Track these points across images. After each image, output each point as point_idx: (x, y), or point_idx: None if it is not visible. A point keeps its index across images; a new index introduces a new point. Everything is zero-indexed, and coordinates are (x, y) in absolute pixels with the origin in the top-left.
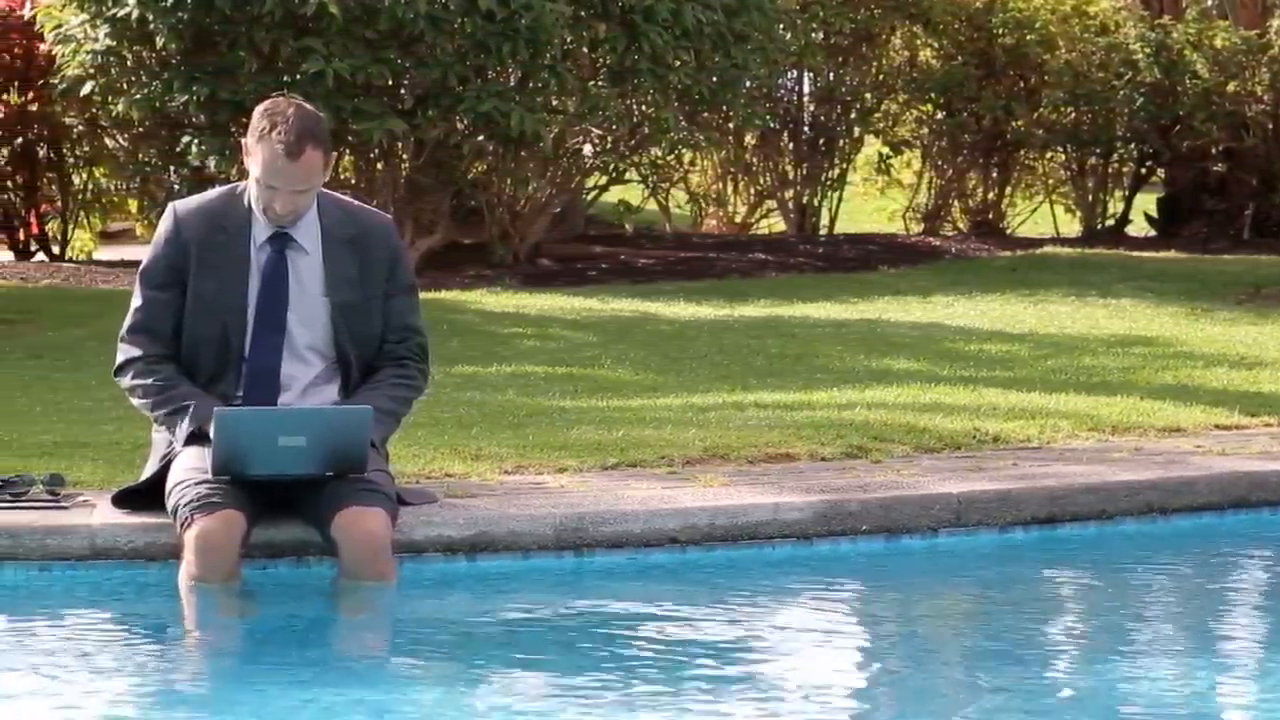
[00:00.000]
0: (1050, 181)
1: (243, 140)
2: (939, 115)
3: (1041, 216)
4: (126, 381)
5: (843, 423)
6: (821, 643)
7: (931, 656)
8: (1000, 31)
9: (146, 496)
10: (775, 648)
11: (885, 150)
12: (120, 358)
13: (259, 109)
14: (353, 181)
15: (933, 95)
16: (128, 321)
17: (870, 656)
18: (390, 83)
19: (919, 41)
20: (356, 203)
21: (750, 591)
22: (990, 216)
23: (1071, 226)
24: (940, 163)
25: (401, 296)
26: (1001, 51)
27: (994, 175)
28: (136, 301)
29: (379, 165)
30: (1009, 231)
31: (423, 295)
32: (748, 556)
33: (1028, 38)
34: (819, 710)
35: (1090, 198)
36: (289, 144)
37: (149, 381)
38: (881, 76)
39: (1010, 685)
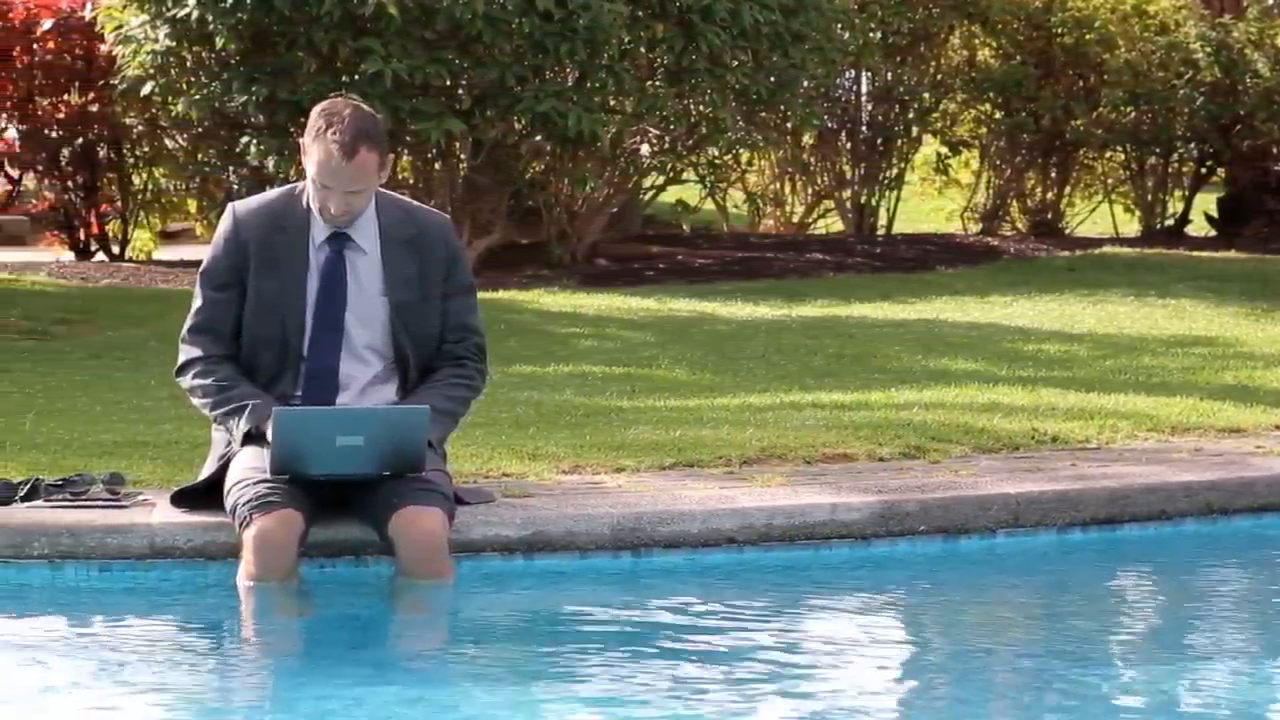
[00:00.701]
0: (1109, 181)
1: (300, 140)
2: (997, 115)
3: (1100, 216)
4: (187, 381)
5: (900, 423)
6: (879, 644)
7: (989, 658)
8: (1059, 31)
9: (205, 495)
10: (832, 649)
11: (943, 150)
12: (181, 358)
13: (316, 109)
14: (411, 181)
15: (991, 95)
16: (189, 322)
17: (927, 658)
18: (448, 83)
19: (977, 41)
20: (415, 203)
21: (807, 592)
22: (1049, 216)
23: (1130, 226)
24: (999, 162)
25: (459, 296)
26: (1061, 51)
27: (1053, 175)
28: (197, 302)
29: (437, 165)
30: (1068, 231)
31: (480, 295)
32: (805, 557)
33: (1087, 37)
34: (877, 712)
35: (1150, 197)
36: (344, 144)
37: (209, 382)
38: (940, 76)
39: (1069, 687)
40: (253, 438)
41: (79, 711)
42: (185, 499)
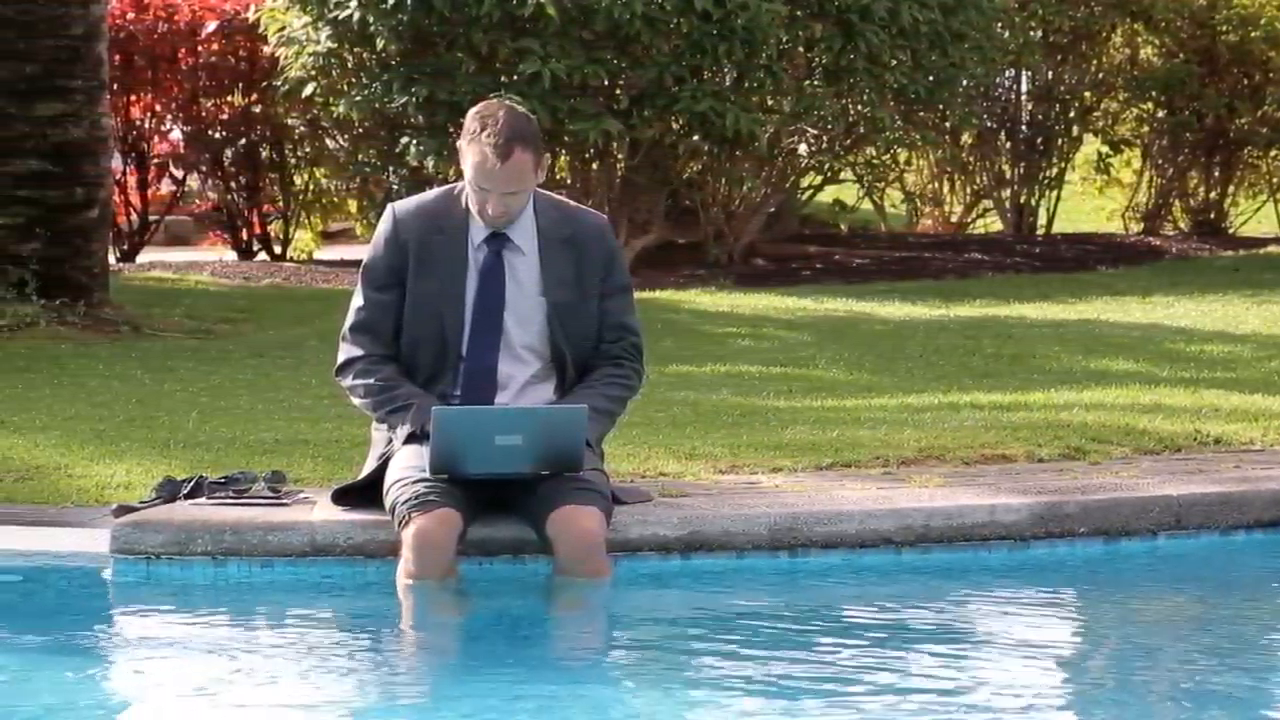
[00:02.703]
0: (1275, 180)
1: (458, 143)
2: (1160, 113)
3: (1265, 216)
4: (348, 381)
5: (1060, 424)
6: (1038, 646)
7: (1150, 661)
8: (1224, 29)
9: (365, 493)
10: (991, 651)
11: (1104, 149)
12: (342, 357)
13: (471, 112)
14: (569, 181)
15: (1154, 93)
16: (349, 321)
17: (1087, 660)
18: (606, 83)
19: (1140, 39)
20: (572, 203)
21: (966, 593)
22: (1212, 216)
23: None
24: (1161, 161)
25: (617, 296)
26: (1225, 49)
27: (1216, 174)
28: (358, 301)
29: (594, 165)
30: (1231, 231)
31: (637, 295)
32: (963, 558)
33: (1252, 34)
34: (1035, 714)
35: None
36: (498, 146)
37: (371, 381)
38: (1101, 75)
39: (1231, 691)
40: (414, 437)
41: (240, 705)
42: (345, 497)
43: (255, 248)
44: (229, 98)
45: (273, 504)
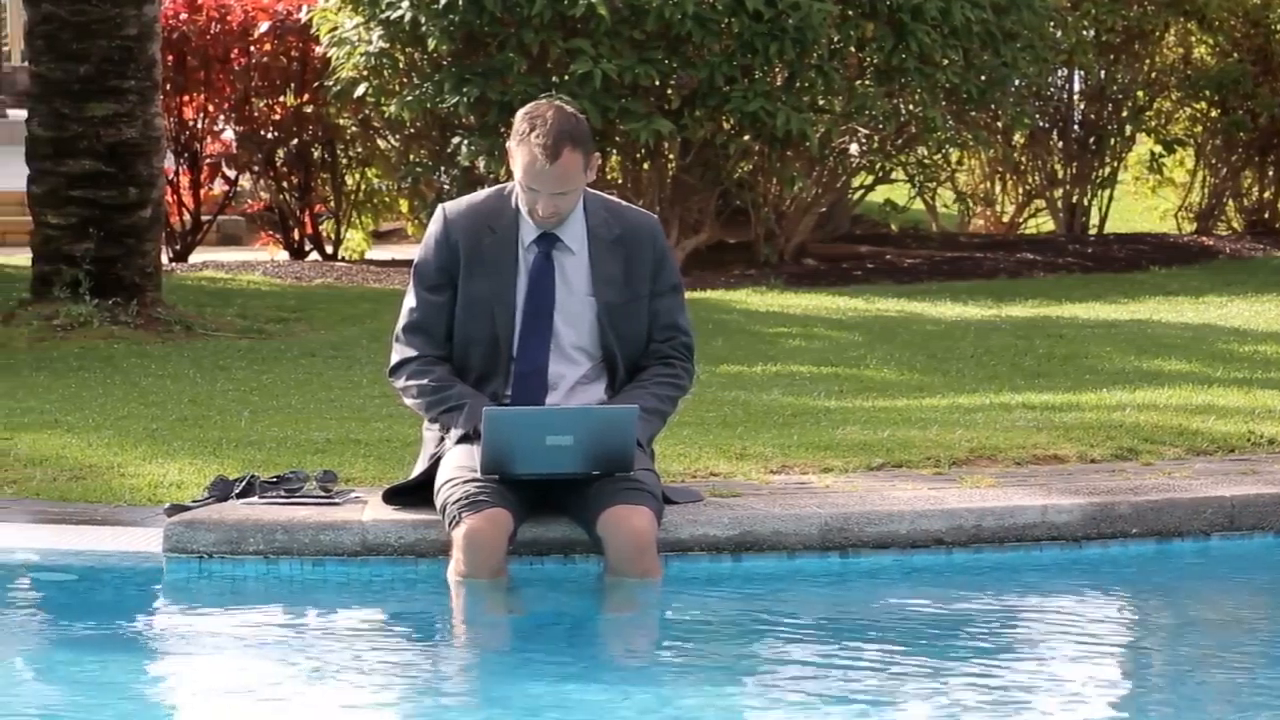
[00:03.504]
0: None
1: (508, 144)
2: (1213, 113)
3: None
4: (401, 382)
5: (1112, 424)
6: (1090, 647)
7: (1203, 663)
8: (1278, 28)
9: (416, 493)
10: (1043, 651)
11: (1157, 149)
12: (395, 358)
13: (520, 112)
14: (619, 181)
15: (1207, 93)
16: (402, 321)
17: (1140, 662)
18: (657, 83)
19: (1193, 38)
20: (622, 202)
21: (1017, 594)
22: (1266, 216)
23: None
24: (1214, 161)
25: (667, 296)
26: (1279, 48)
27: (1270, 174)
28: (410, 302)
29: (645, 165)
30: None
31: (688, 294)
32: (1015, 559)
33: None
34: (1087, 716)
35: None
36: (547, 146)
37: (424, 382)
38: (1154, 74)
39: None
40: (466, 437)
41: (291, 704)
42: (397, 496)
43: (307, 248)
44: (281, 98)
45: (324, 503)
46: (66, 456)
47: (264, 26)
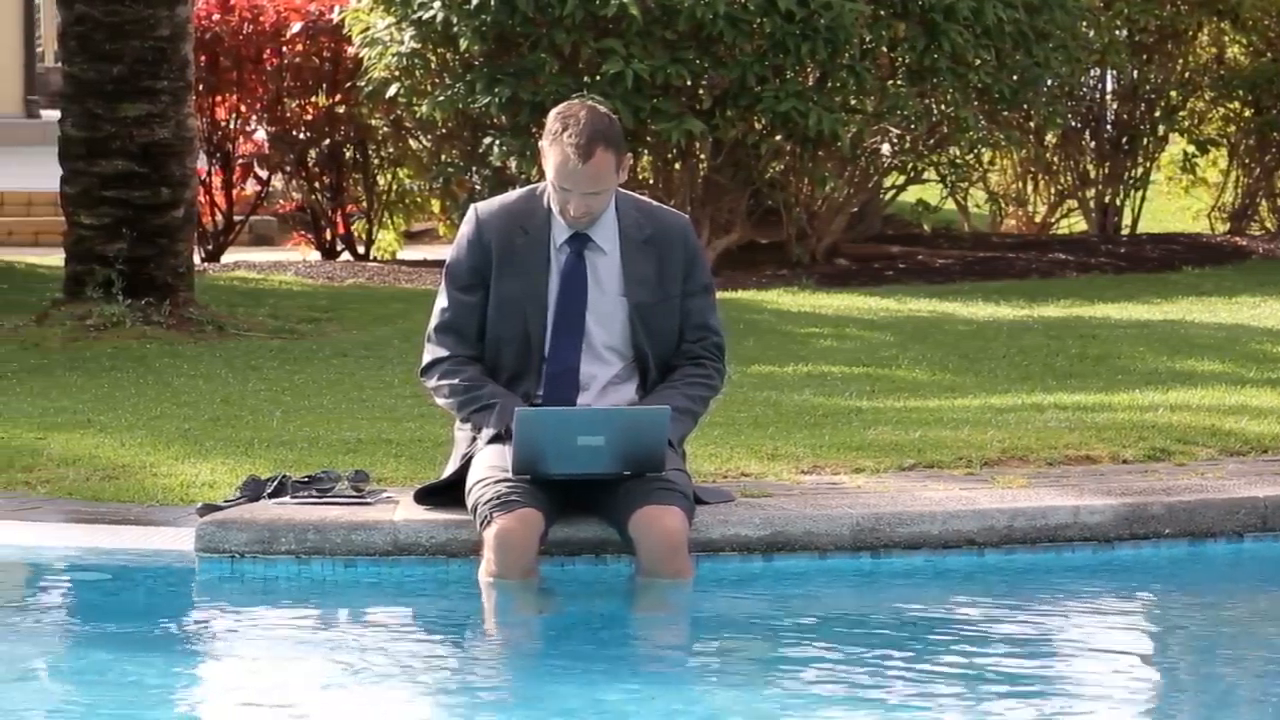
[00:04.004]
0: None
1: (540, 144)
2: (1247, 113)
3: None
4: (433, 382)
5: (1145, 425)
6: (1122, 648)
7: (1235, 664)
8: None
9: (447, 493)
10: (1074, 652)
11: (1190, 149)
12: (427, 358)
13: (553, 112)
14: (651, 181)
15: (1240, 92)
16: (434, 322)
17: (1171, 663)
18: (689, 83)
19: (1227, 38)
20: (654, 203)
21: (1049, 595)
22: None
23: None
24: (1248, 161)
25: (698, 296)
26: None
27: None
28: (442, 302)
29: (677, 165)
30: None
31: (719, 295)
32: (1047, 560)
33: None
34: (1119, 716)
35: None
36: (580, 146)
37: (455, 382)
38: (1187, 74)
39: None
40: (497, 437)
41: (322, 703)
42: (428, 496)
43: (339, 248)
44: (313, 98)
45: (356, 503)
46: (99, 456)
47: (296, 27)
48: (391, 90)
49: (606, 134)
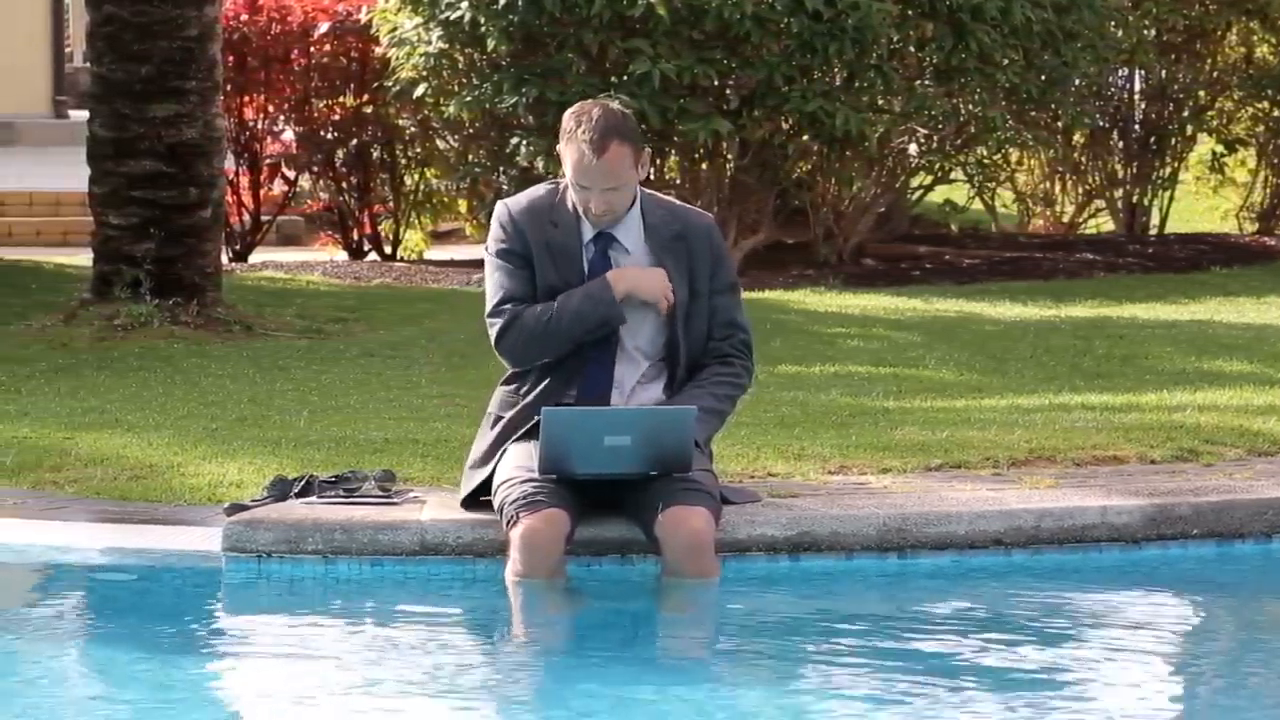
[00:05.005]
0: None
1: (557, 146)
2: (1275, 112)
3: None
4: (512, 338)
5: (1173, 425)
6: (1150, 649)
7: (1264, 665)
8: None
9: (477, 494)
10: (1102, 653)
11: (1219, 148)
12: (495, 328)
13: (567, 113)
14: (678, 181)
15: (1269, 92)
16: (491, 301)
17: (1199, 664)
18: (716, 83)
19: (1255, 37)
20: (679, 202)
21: (1077, 596)
22: None
23: None
24: (1276, 160)
25: (725, 294)
26: None
27: None
28: (494, 282)
29: (704, 165)
30: None
31: (746, 295)
32: (1074, 560)
33: None
34: (1147, 717)
35: None
36: (593, 141)
37: (533, 315)
38: (1216, 73)
39: None
40: (525, 435)
41: (349, 702)
42: (474, 502)
43: (366, 248)
44: (341, 98)
45: (383, 503)
46: (127, 456)
47: (324, 27)
48: (419, 90)
49: (620, 128)
